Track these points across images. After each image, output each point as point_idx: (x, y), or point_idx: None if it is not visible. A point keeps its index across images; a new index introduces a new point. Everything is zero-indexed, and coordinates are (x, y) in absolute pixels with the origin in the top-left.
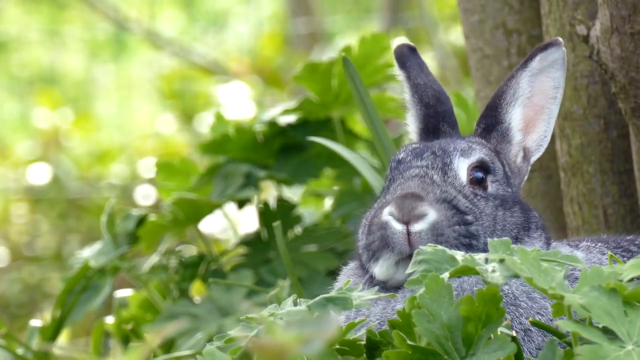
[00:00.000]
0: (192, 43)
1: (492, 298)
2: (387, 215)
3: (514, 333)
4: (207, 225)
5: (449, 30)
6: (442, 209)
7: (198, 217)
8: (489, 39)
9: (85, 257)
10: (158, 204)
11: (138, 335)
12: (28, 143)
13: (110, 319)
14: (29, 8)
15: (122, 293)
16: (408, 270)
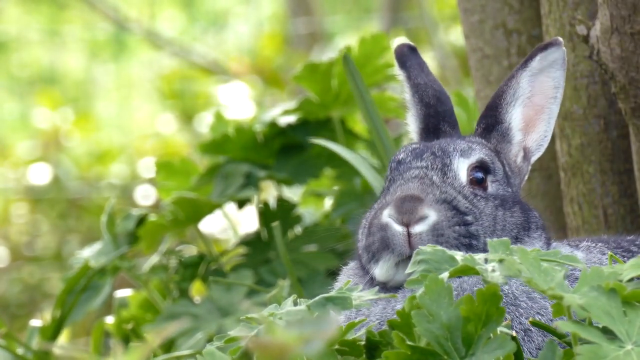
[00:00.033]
0: (192, 43)
1: (491, 297)
2: (387, 217)
3: (514, 333)
4: (207, 225)
5: (449, 30)
6: (442, 210)
7: (198, 217)
8: (489, 39)
9: (85, 257)
10: (158, 204)
11: (138, 335)
12: (28, 143)
13: (110, 319)
14: (29, 8)
15: (122, 293)
16: (408, 271)
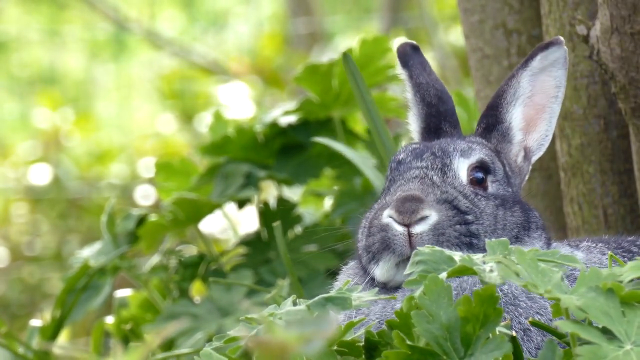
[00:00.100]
0: (192, 43)
1: (489, 298)
2: (387, 218)
3: (514, 333)
4: (207, 225)
5: (449, 30)
6: (442, 210)
7: (198, 217)
8: (489, 39)
9: (85, 257)
10: (158, 204)
11: (138, 335)
12: (28, 143)
13: (110, 319)
14: (29, 8)
15: (122, 293)
16: (406, 271)
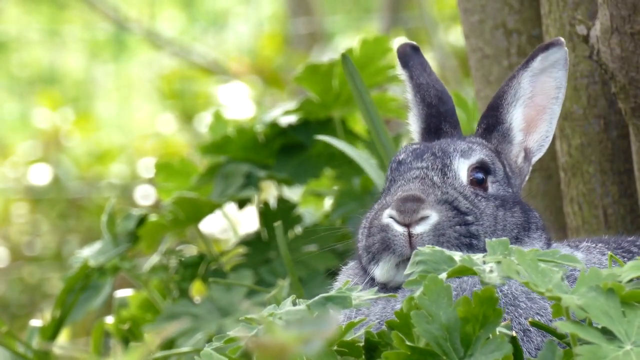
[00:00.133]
0: (192, 43)
1: (488, 299)
2: (387, 218)
3: (514, 333)
4: (207, 225)
5: (449, 30)
6: (443, 210)
7: (198, 217)
8: (489, 39)
9: (85, 256)
10: (158, 204)
11: (137, 335)
12: (28, 143)
13: (110, 319)
14: (29, 8)
15: (122, 293)
16: (406, 272)
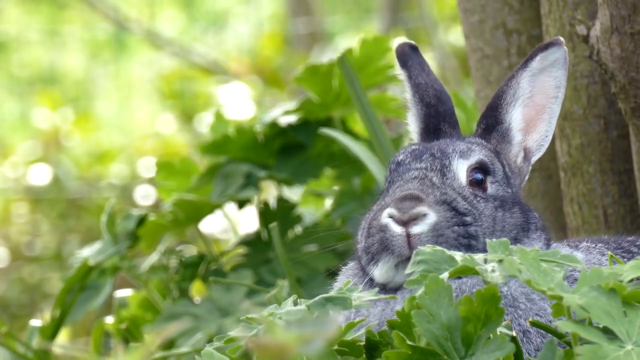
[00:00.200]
0: (192, 43)
1: (491, 298)
2: (386, 218)
3: (514, 333)
4: (207, 225)
5: (449, 30)
6: (441, 211)
7: (198, 217)
8: (489, 39)
9: (85, 256)
10: (158, 204)
11: (137, 335)
12: (28, 143)
13: (110, 319)
14: (29, 8)
15: (122, 293)
16: (407, 271)
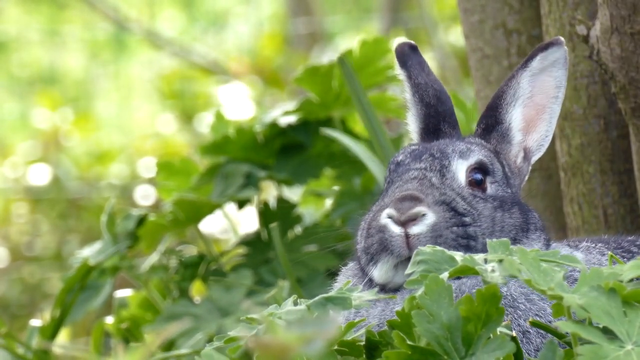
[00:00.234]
0: (192, 43)
1: (491, 297)
2: (385, 218)
3: (514, 333)
4: (207, 225)
5: (449, 30)
6: (440, 211)
7: (198, 217)
8: (489, 39)
9: (85, 256)
10: (158, 204)
11: (136, 335)
12: (28, 143)
13: (110, 319)
14: (29, 8)
15: (122, 293)
16: (407, 271)
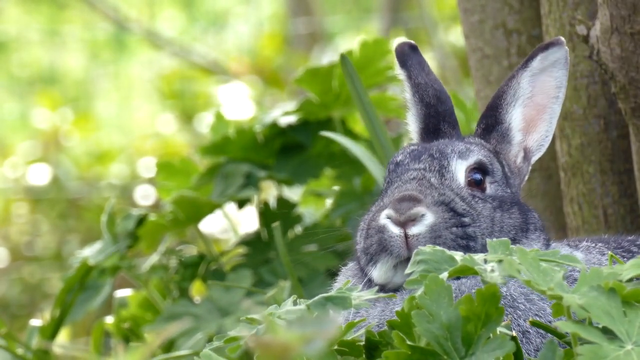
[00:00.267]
0: (192, 43)
1: (491, 297)
2: (384, 219)
3: (514, 333)
4: (207, 225)
5: (449, 30)
6: (439, 212)
7: (198, 217)
8: (489, 39)
9: (85, 256)
10: (158, 204)
11: (137, 335)
12: (28, 143)
13: (110, 319)
14: (29, 8)
15: (122, 293)
16: (407, 271)
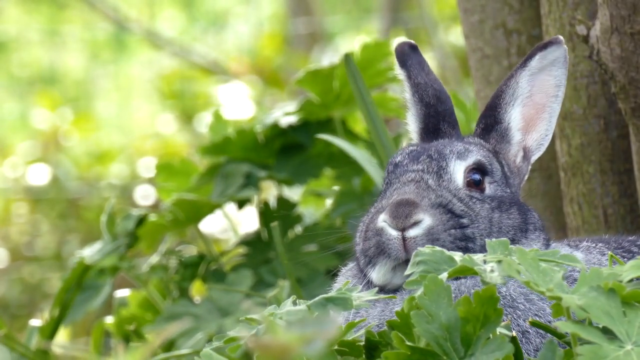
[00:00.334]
0: (192, 43)
1: (489, 298)
2: (382, 222)
3: (513, 333)
4: (207, 225)
5: (449, 30)
6: (437, 214)
7: (198, 217)
8: (489, 39)
9: (85, 256)
10: (158, 204)
11: (138, 335)
12: (28, 143)
13: (110, 319)
14: (29, 8)
15: (122, 293)
16: (407, 272)
